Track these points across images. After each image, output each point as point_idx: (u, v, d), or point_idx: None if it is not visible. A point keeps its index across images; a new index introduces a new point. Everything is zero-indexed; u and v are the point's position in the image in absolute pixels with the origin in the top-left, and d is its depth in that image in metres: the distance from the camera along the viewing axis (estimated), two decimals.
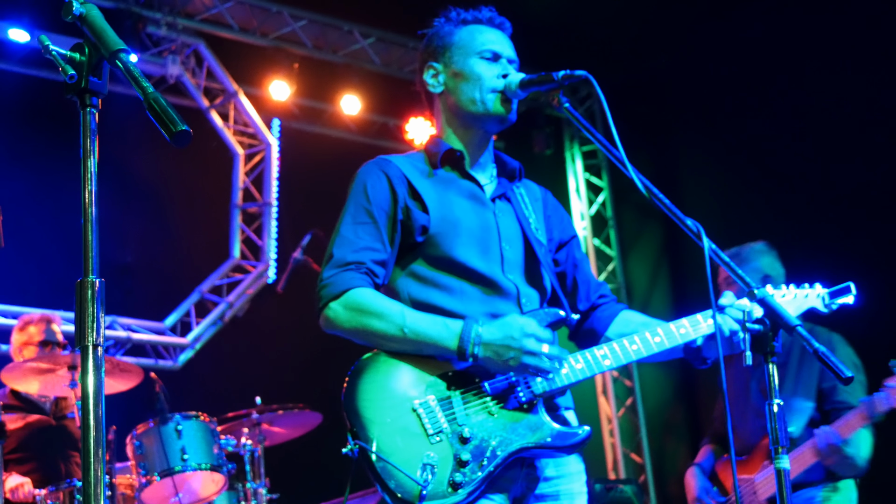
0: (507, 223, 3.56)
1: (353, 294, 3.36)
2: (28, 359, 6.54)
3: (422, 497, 3.17)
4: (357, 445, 3.22)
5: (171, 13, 9.95)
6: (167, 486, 6.36)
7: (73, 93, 2.06)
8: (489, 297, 3.44)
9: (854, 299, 3.37)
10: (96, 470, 1.93)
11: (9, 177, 6.40)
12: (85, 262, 2.02)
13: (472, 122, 3.61)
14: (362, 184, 3.52)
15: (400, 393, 3.32)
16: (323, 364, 3.74)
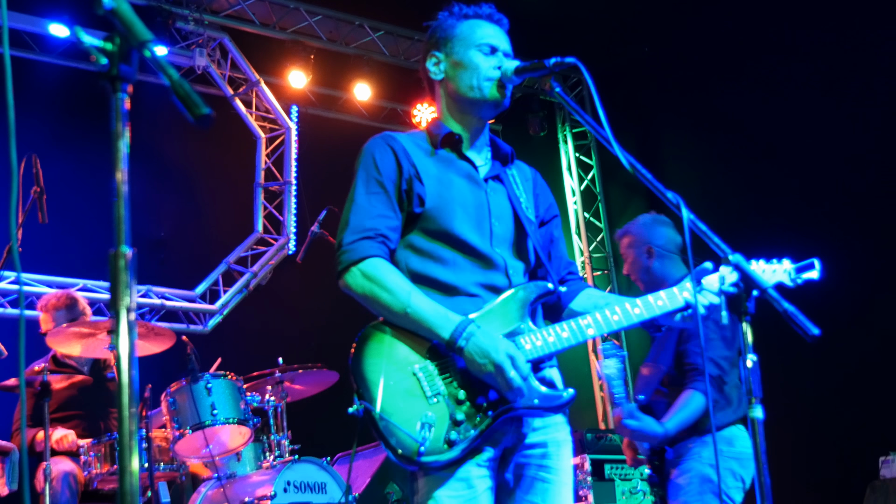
0: (498, 201, 3.55)
1: (371, 263, 3.35)
2: (71, 324, 6.53)
3: (420, 453, 3.20)
4: (362, 405, 3.24)
5: (197, 10, 9.93)
6: (199, 438, 6.37)
7: (106, 79, 2.05)
8: (480, 269, 3.43)
9: (818, 274, 3.36)
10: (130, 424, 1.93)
11: (52, 159, 6.38)
12: (117, 235, 2.01)
13: (470, 107, 3.59)
14: (371, 156, 3.51)
15: (401, 358, 3.33)
16: (338, 327, 3.74)
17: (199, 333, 9.90)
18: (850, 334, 8.06)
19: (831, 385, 8.68)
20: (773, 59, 9.62)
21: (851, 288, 8.17)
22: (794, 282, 3.33)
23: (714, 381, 5.21)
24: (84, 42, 2.06)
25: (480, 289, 3.41)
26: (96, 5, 2.08)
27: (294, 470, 6.46)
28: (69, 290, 7.29)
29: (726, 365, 5.30)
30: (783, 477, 3.00)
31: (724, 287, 3.22)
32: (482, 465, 3.32)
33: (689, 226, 3.10)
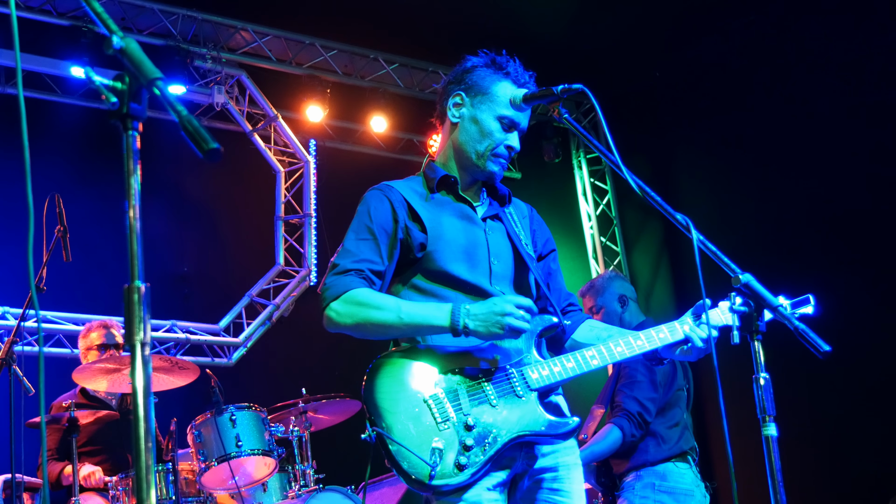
0: (496, 240, 3.63)
1: (352, 293, 3.42)
2: (96, 360, 6.55)
3: (431, 477, 3.24)
4: (375, 432, 3.27)
5: (215, 48, 9.99)
6: (224, 470, 6.38)
7: (116, 118, 2.06)
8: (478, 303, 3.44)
9: (813, 309, 3.35)
10: (147, 458, 1.93)
11: (75, 198, 6.42)
12: (131, 270, 2.02)
13: (467, 166, 3.68)
14: (367, 206, 3.60)
15: (412, 386, 3.38)
16: (360, 357, 3.76)
17: (224, 366, 9.90)
18: (869, 353, 8.02)
19: (852, 403, 8.63)
20: (783, 81, 9.62)
21: (869, 307, 8.15)
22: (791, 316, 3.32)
23: (634, 417, 5.53)
24: (95, 82, 2.07)
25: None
26: (106, 45, 2.10)
27: (319, 499, 6.45)
28: (105, 320, 7.31)
29: (651, 406, 5.68)
30: (805, 494, 2.99)
31: (736, 307, 3.22)
32: (493, 488, 3.35)
33: (698, 246, 3.10)
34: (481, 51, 3.75)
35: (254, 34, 10.08)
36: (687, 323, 3.42)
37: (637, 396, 5.65)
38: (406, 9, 9.82)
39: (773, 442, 2.95)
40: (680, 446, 5.74)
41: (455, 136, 3.68)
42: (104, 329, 7.12)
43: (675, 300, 11.03)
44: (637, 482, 5.59)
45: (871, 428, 8.60)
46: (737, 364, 3.40)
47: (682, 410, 5.95)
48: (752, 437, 3.03)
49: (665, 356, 3.49)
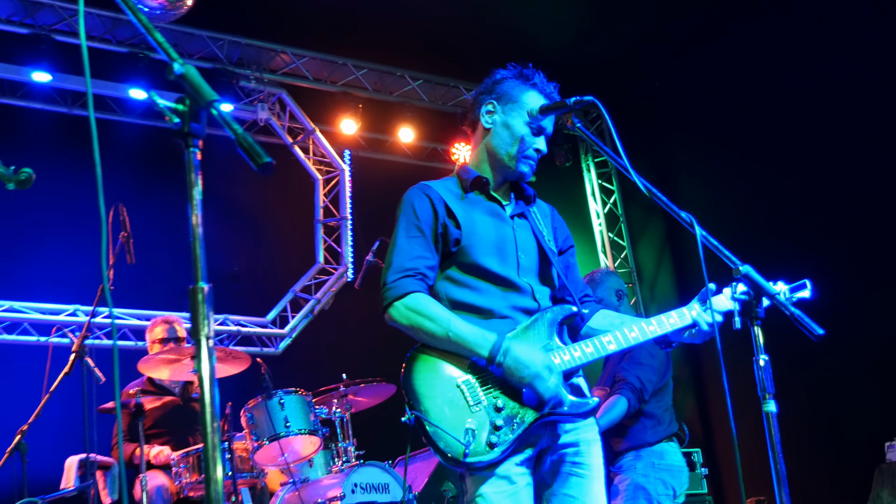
0: (523, 236, 3.63)
1: (413, 297, 3.42)
2: (159, 351, 6.58)
3: (465, 455, 3.24)
4: (413, 415, 3.28)
5: (258, 69, 10.02)
6: (275, 448, 6.39)
7: (179, 137, 2.07)
8: (508, 294, 3.49)
9: (810, 293, 3.33)
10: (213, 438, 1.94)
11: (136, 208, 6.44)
12: (195, 271, 2.03)
13: (499, 167, 3.68)
14: (410, 204, 3.59)
15: (446, 373, 3.39)
16: (394, 344, 3.78)
17: (272, 355, 9.94)
18: (860, 333, 7.98)
19: (841, 380, 8.60)
20: (772, 85, 9.56)
21: (856, 293, 8.10)
22: (789, 301, 3.30)
23: (637, 391, 5.55)
24: (159, 105, 2.08)
25: (512, 311, 3.48)
26: (168, 72, 2.11)
27: (360, 473, 6.46)
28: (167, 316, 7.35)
29: (650, 387, 5.69)
30: (799, 464, 2.98)
31: (736, 295, 3.20)
32: (521, 464, 3.35)
33: (701, 241, 3.09)
34: (510, 64, 3.75)
35: (292, 56, 10.10)
36: (694, 309, 3.40)
37: (639, 375, 5.68)
38: (428, 31, 9.83)
39: (773, 417, 2.95)
40: (672, 428, 5.82)
41: (488, 140, 3.68)
42: (167, 324, 7.16)
43: (678, 290, 11.00)
44: (638, 462, 5.59)
45: (860, 403, 8.56)
46: (739, 347, 3.38)
47: (671, 396, 6.00)
48: (753, 414, 3.02)
49: (675, 340, 3.47)
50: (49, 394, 5.87)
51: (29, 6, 8.74)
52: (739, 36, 9.87)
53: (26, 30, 8.77)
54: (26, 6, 8.74)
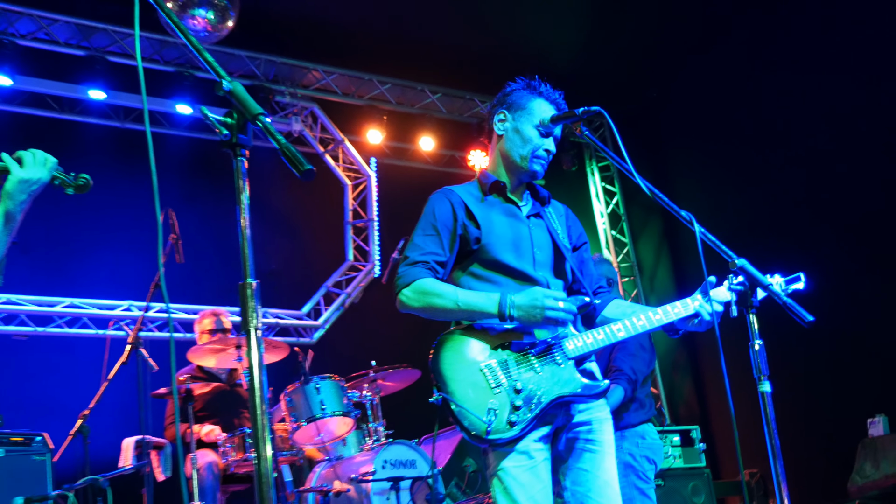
0: (539, 234, 3.63)
1: (419, 282, 3.45)
2: (207, 342, 6.61)
3: (488, 432, 3.26)
4: (440, 396, 3.31)
5: (291, 86, 10.05)
6: (312, 428, 6.41)
7: (227, 147, 2.08)
8: (525, 287, 3.46)
9: (804, 285, 3.32)
10: (262, 419, 1.95)
11: (184, 212, 6.47)
12: (244, 269, 2.04)
13: (514, 169, 3.67)
14: (431, 207, 3.62)
15: (470, 358, 3.40)
16: (418, 333, 3.80)
17: (308, 344, 9.95)
18: (844, 321, 7.95)
19: (828, 363, 8.57)
20: (765, 95, 9.54)
21: (842, 283, 8.07)
22: (784, 292, 3.28)
23: (631, 382, 5.59)
24: (209, 118, 2.09)
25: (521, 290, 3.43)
26: (217, 88, 2.12)
27: (389, 450, 6.47)
28: (215, 309, 7.37)
29: (640, 378, 5.73)
30: (790, 440, 2.98)
31: (733, 286, 3.20)
32: (539, 440, 3.36)
33: (700, 237, 3.09)
34: (518, 78, 3.76)
35: (323, 73, 10.12)
36: (697, 300, 3.39)
37: (633, 366, 5.73)
38: (445, 49, 9.86)
39: (767, 397, 2.95)
40: (652, 412, 5.91)
41: (501, 146, 3.68)
42: (214, 317, 7.17)
43: (675, 282, 10.99)
44: (623, 442, 5.62)
45: (845, 384, 8.54)
46: (736, 333, 3.37)
47: (651, 383, 6.06)
48: (747, 394, 3.02)
49: (680, 328, 3.46)
50: (107, 382, 5.91)
51: (85, 30, 8.79)
52: (727, 46, 9.85)
53: (83, 52, 8.82)
54: (83, 30, 8.78)
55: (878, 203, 8.31)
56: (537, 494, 3.30)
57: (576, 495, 3.38)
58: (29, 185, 3.01)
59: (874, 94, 8.38)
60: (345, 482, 6.34)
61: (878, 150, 8.34)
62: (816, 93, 8.87)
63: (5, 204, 3.00)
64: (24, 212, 3.04)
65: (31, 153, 3.05)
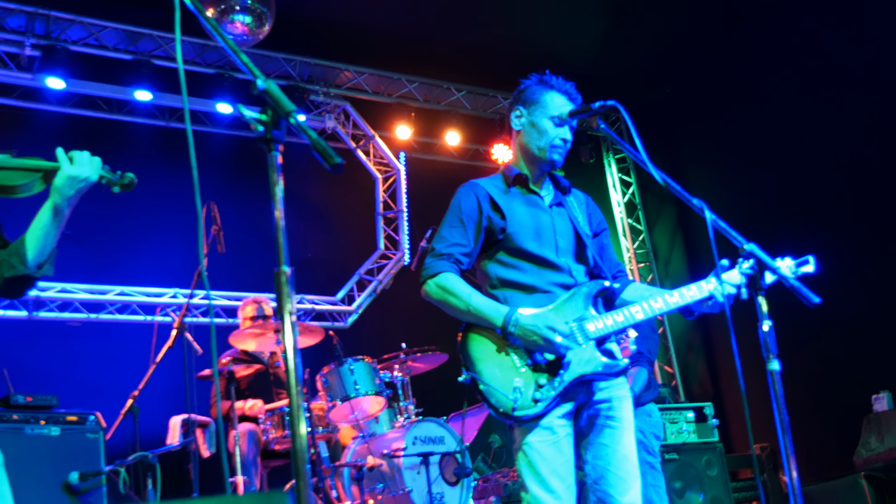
0: (561, 222, 3.61)
1: (442, 276, 3.46)
2: (248, 327, 6.64)
3: (514, 409, 3.26)
4: (469, 375, 3.30)
5: (325, 85, 10.05)
6: (347, 407, 6.43)
7: (262, 142, 2.08)
8: (548, 272, 3.48)
9: (814, 268, 3.28)
10: (297, 398, 1.95)
11: (224, 204, 6.49)
12: (279, 257, 2.04)
13: (534, 160, 3.66)
14: (458, 200, 3.62)
15: (496, 340, 3.38)
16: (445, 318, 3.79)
17: (342, 328, 9.99)
18: (851, 302, 7.88)
19: (832, 342, 8.50)
20: (770, 82, 9.46)
21: (846, 266, 7.99)
22: (794, 274, 3.25)
23: (651, 363, 5.62)
24: (245, 116, 2.09)
25: (552, 286, 3.48)
26: (252, 87, 2.12)
27: (419, 427, 6.48)
28: (256, 297, 7.41)
29: (654, 357, 5.82)
30: (798, 415, 2.96)
31: (743, 270, 3.17)
32: (562, 417, 3.35)
33: (712, 224, 3.06)
34: (532, 74, 3.74)
35: (354, 73, 10.12)
36: (711, 282, 3.36)
37: (649, 348, 5.77)
38: (469, 49, 9.84)
39: (776, 375, 2.92)
40: (656, 392, 5.95)
41: (520, 140, 3.67)
42: (256, 304, 7.21)
43: (689, 267, 10.93)
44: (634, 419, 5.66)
45: (851, 362, 8.49)
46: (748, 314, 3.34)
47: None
48: (756, 373, 2.99)
49: (695, 310, 3.44)
50: (155, 364, 5.94)
51: (132, 36, 8.83)
52: (736, 42, 9.78)
53: (130, 56, 8.86)
54: (129, 36, 8.82)
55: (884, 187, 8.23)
56: (560, 467, 3.30)
57: (596, 468, 3.38)
58: (77, 181, 3.02)
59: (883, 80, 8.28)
60: (377, 457, 6.36)
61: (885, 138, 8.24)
62: (823, 79, 8.78)
63: (54, 198, 3.02)
64: (71, 207, 3.05)
65: (80, 153, 3.07)
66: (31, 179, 2.98)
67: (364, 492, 6.27)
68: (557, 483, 3.27)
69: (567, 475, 3.30)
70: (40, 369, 7.78)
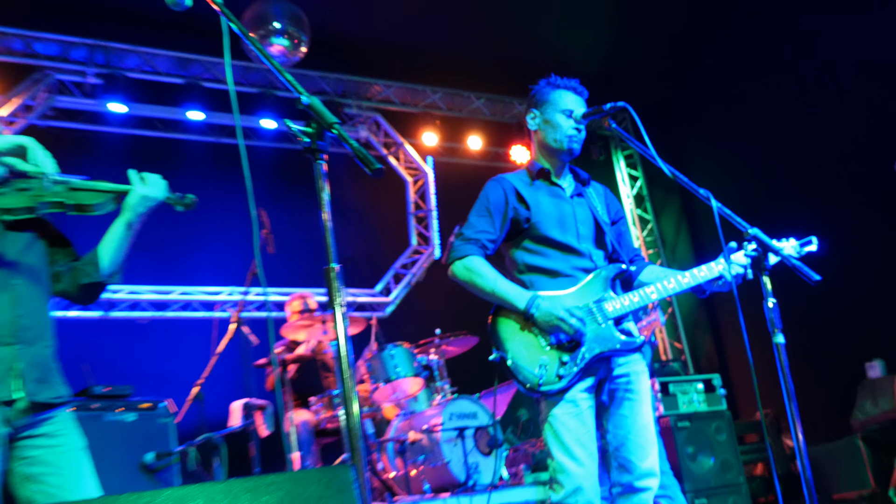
0: (581, 211, 3.58)
1: (469, 259, 3.42)
2: (296, 320, 6.66)
3: (539, 384, 3.25)
4: (499, 355, 3.30)
5: (357, 99, 10.06)
6: (388, 388, 6.44)
7: (309, 152, 2.09)
8: (570, 258, 3.45)
9: (816, 248, 3.24)
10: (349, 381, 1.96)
11: (272, 209, 6.53)
12: (328, 255, 2.05)
13: (552, 153, 3.63)
14: (486, 192, 3.60)
15: (521, 322, 3.37)
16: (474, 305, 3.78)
17: (381, 318, 10.00)
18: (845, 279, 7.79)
19: (828, 316, 8.41)
20: (765, 79, 9.36)
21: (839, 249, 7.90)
22: (798, 254, 3.22)
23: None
24: (292, 129, 2.10)
25: (574, 270, 3.45)
26: (297, 103, 2.13)
27: (454, 405, 6.49)
28: (302, 292, 7.44)
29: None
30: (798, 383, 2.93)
31: (748, 252, 3.15)
32: (584, 391, 3.34)
33: (717, 211, 3.04)
34: (541, 79, 3.73)
35: (383, 87, 10.12)
36: (720, 263, 3.34)
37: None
38: (486, 60, 9.81)
39: (781, 347, 2.90)
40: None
41: (538, 138, 3.66)
42: (302, 299, 7.23)
43: (694, 252, 10.85)
44: None
45: (846, 333, 8.42)
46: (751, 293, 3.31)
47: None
48: (759, 346, 2.97)
49: (707, 289, 3.42)
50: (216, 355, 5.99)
51: (182, 62, 8.88)
52: (735, 39, 9.67)
53: (181, 80, 8.91)
54: (181, 62, 8.88)
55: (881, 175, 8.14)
56: (583, 437, 3.29)
57: (617, 437, 3.37)
58: (147, 200, 3.10)
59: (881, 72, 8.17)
60: (418, 433, 6.37)
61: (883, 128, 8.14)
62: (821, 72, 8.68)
63: (127, 215, 3.10)
64: (141, 222, 3.14)
65: (150, 175, 3.14)
66: (105, 200, 3.04)
67: (407, 463, 6.28)
68: (580, 451, 3.27)
69: (589, 443, 3.30)
70: (115, 363, 7.86)
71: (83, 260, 3.14)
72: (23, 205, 2.91)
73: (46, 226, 3.14)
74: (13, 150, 2.73)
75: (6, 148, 2.72)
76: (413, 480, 6.27)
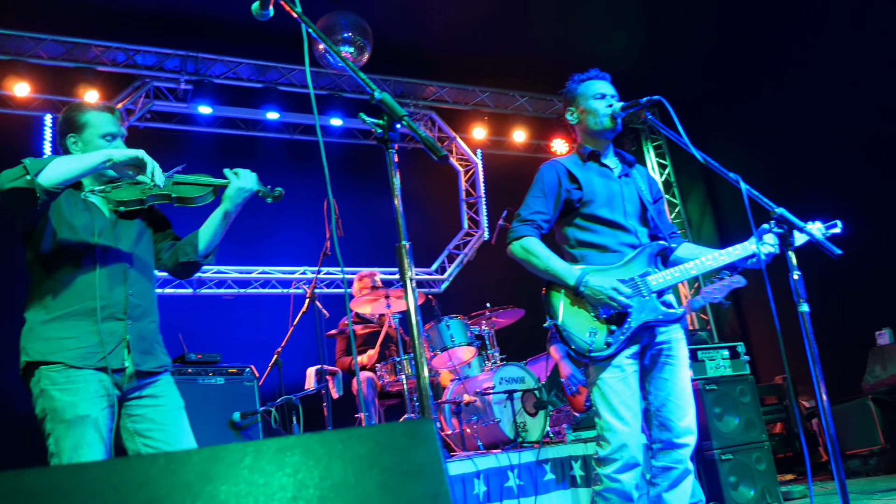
0: (628, 190, 3.52)
1: (526, 240, 3.39)
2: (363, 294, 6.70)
3: (589, 351, 3.22)
4: (552, 322, 3.28)
5: (414, 99, 10.04)
6: (445, 356, 6.46)
7: (381, 142, 2.09)
8: (618, 234, 3.40)
9: (840, 230, 3.16)
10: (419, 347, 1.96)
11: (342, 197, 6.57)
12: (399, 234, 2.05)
13: (596, 135, 3.56)
14: (541, 175, 3.54)
15: (572, 294, 3.34)
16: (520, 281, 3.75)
17: (437, 293, 10.03)
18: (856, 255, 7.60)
19: (841, 287, 8.22)
20: (784, 71, 9.13)
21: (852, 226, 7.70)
22: (823, 236, 3.14)
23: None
24: (367, 122, 2.10)
25: (621, 246, 3.40)
26: (371, 98, 2.12)
27: (504, 370, 6.48)
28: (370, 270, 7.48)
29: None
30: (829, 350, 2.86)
31: (775, 230, 3.08)
32: (629, 357, 3.30)
33: (747, 194, 2.97)
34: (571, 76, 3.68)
35: (437, 87, 10.08)
36: (753, 242, 3.28)
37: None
38: (529, 62, 9.71)
39: (806, 315, 2.84)
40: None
41: (580, 127, 3.60)
42: (369, 277, 7.27)
43: (718, 234, 10.66)
44: None
45: (858, 303, 8.23)
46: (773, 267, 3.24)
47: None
48: (781, 316, 2.89)
49: (740, 265, 3.36)
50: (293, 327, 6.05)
51: (261, 69, 8.95)
52: (759, 36, 9.43)
53: (260, 84, 8.99)
54: (259, 69, 8.95)
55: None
56: (628, 399, 3.26)
57: (658, 398, 3.34)
58: (243, 191, 3.12)
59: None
60: (472, 395, 6.39)
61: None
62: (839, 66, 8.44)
63: (226, 205, 3.13)
64: (237, 212, 3.17)
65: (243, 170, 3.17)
66: (205, 192, 3.08)
67: (462, 423, 6.30)
68: (626, 411, 3.24)
69: (634, 405, 3.27)
70: (205, 333, 8.01)
71: (184, 241, 3.21)
72: (135, 197, 2.97)
73: (153, 210, 3.22)
74: (131, 162, 2.80)
75: (125, 160, 2.79)
76: (468, 438, 6.28)
